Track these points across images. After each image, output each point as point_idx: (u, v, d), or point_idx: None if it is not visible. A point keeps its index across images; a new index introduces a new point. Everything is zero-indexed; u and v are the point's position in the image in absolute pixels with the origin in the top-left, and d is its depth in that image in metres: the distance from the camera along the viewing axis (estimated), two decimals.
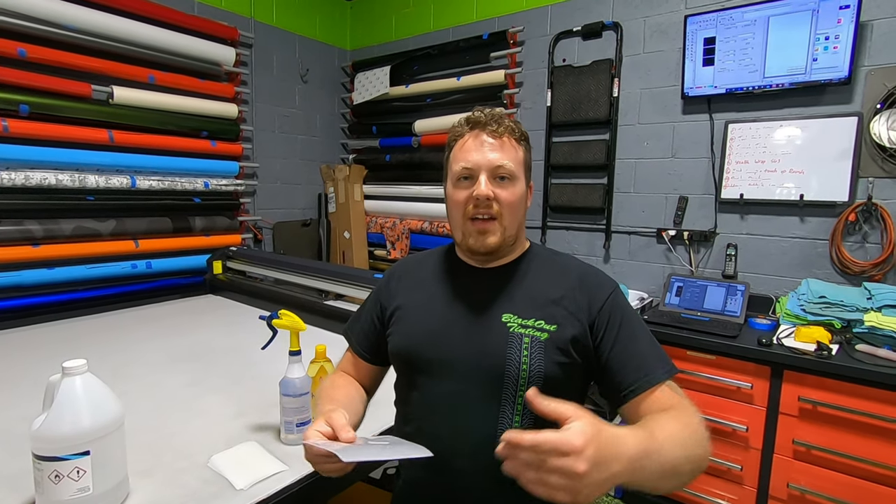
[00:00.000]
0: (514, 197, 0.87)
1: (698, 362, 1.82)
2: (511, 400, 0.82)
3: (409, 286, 0.99)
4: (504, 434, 0.56)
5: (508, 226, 0.88)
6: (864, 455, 1.52)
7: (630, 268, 2.48)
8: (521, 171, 0.89)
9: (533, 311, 0.85)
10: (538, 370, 0.81)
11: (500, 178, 0.87)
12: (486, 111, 0.91)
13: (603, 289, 0.87)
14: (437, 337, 0.89)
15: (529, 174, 0.94)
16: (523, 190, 0.90)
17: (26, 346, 1.68)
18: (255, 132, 2.98)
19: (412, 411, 0.92)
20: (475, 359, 0.85)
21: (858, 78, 1.89)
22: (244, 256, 2.61)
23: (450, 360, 0.87)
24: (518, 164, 0.89)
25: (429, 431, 0.87)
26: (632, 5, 2.38)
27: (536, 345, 0.82)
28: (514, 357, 0.82)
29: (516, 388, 0.82)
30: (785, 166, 2.04)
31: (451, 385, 0.86)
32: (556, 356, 0.82)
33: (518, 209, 0.89)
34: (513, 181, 0.88)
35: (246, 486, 0.89)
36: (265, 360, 1.11)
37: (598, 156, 2.49)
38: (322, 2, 3.36)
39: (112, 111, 2.28)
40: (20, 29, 2.00)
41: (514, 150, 0.89)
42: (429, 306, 0.94)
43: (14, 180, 2.00)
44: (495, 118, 0.90)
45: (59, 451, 0.75)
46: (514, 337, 0.83)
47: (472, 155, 0.87)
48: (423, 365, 0.89)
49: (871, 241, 1.91)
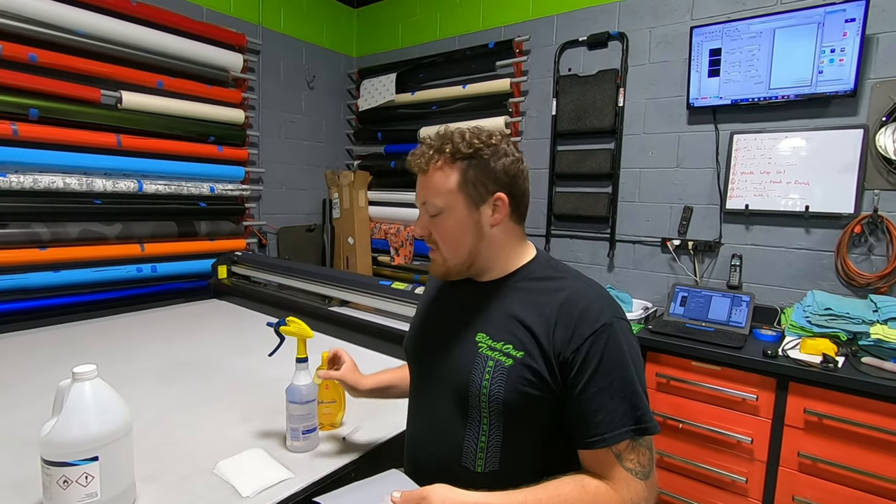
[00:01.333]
0: (443, 230, 0.86)
1: (703, 373, 1.81)
2: (477, 420, 0.83)
3: (427, 293, 1.05)
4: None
5: (449, 256, 0.87)
6: (869, 469, 1.51)
7: (634, 277, 2.47)
8: (453, 199, 0.84)
9: (504, 335, 0.82)
10: (497, 395, 0.79)
11: (431, 215, 0.87)
12: (428, 140, 0.88)
13: (586, 325, 0.77)
14: (425, 345, 0.95)
15: (483, 189, 0.84)
16: (460, 216, 0.84)
17: (31, 349, 1.68)
18: (261, 137, 3.00)
19: (408, 416, 0.99)
20: (447, 373, 0.87)
21: (864, 90, 1.90)
22: (249, 261, 2.62)
23: (430, 369, 0.92)
24: (446, 193, 0.83)
25: (411, 435, 0.96)
26: (637, 16, 2.39)
27: (499, 370, 0.80)
28: (477, 379, 0.81)
29: (479, 409, 0.82)
30: (790, 177, 2.05)
31: (431, 394, 0.91)
32: (518, 384, 0.78)
33: (455, 237, 0.85)
34: (441, 214, 0.85)
35: (252, 493, 0.89)
36: (270, 365, 1.11)
37: (603, 165, 2.49)
38: (329, 9, 3.39)
39: (120, 116, 2.30)
40: (32, 34, 2.03)
41: (442, 180, 0.84)
42: (428, 314, 0.99)
43: (22, 183, 2.01)
44: (430, 147, 0.86)
45: (68, 456, 0.76)
46: (480, 358, 0.82)
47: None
48: (415, 371, 0.97)
49: (876, 254, 1.91)
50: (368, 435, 1.11)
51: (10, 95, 1.99)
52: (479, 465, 0.82)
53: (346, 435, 1.11)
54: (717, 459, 1.80)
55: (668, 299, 2.20)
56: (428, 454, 0.89)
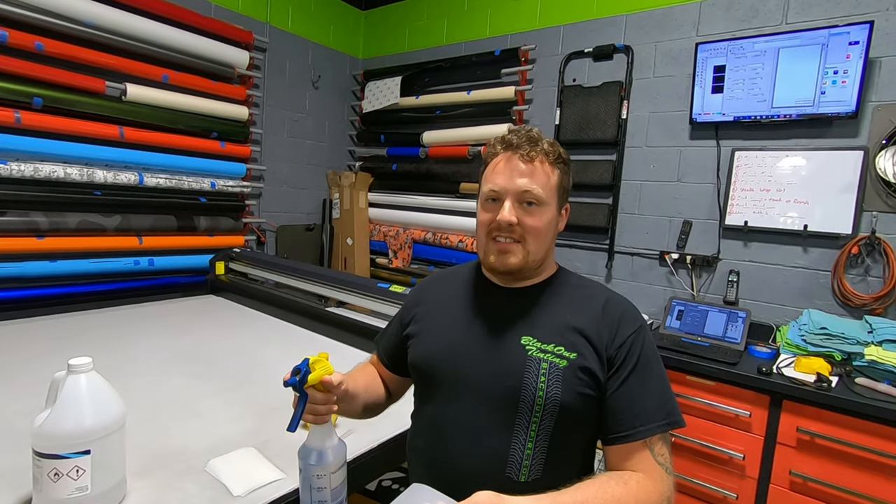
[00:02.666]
0: (539, 223, 0.85)
1: (697, 387, 1.82)
2: (524, 426, 0.80)
3: (435, 300, 0.99)
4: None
5: (533, 250, 0.86)
6: (861, 490, 1.52)
7: (632, 289, 2.48)
8: (551, 197, 0.87)
9: (554, 337, 0.83)
10: (554, 398, 0.79)
11: (527, 203, 0.85)
12: (523, 131, 0.88)
13: (627, 325, 0.83)
14: (455, 353, 0.88)
15: (565, 197, 0.91)
16: (552, 215, 0.88)
17: (25, 339, 1.67)
18: (264, 135, 3.00)
19: (423, 426, 0.92)
20: (491, 379, 0.83)
21: (865, 113, 1.91)
22: (247, 258, 2.61)
23: (465, 378, 0.86)
24: (548, 189, 0.86)
25: (437, 449, 0.87)
26: (643, 30, 2.41)
27: (555, 371, 0.80)
28: (531, 382, 0.80)
29: (531, 413, 0.80)
30: (790, 196, 2.06)
31: (464, 404, 0.85)
32: (574, 385, 0.79)
33: (544, 234, 0.87)
34: (540, 207, 0.85)
35: (243, 492, 0.89)
36: (265, 363, 1.10)
37: (605, 176, 2.50)
38: (337, 10, 3.40)
39: (124, 108, 2.30)
40: (39, 23, 2.02)
41: (546, 176, 0.86)
42: (450, 321, 0.93)
43: (23, 171, 2.00)
44: (530, 140, 0.87)
45: (60, 448, 0.75)
46: (532, 361, 0.81)
47: (501, 178, 0.86)
48: (439, 380, 0.89)
49: (873, 275, 1.92)
50: (363, 438, 1.11)
51: (15, 83, 1.98)
52: (523, 474, 0.80)
53: (340, 437, 1.10)
54: (708, 475, 1.80)
55: (664, 312, 2.21)
56: (464, 468, 0.83)
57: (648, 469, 0.76)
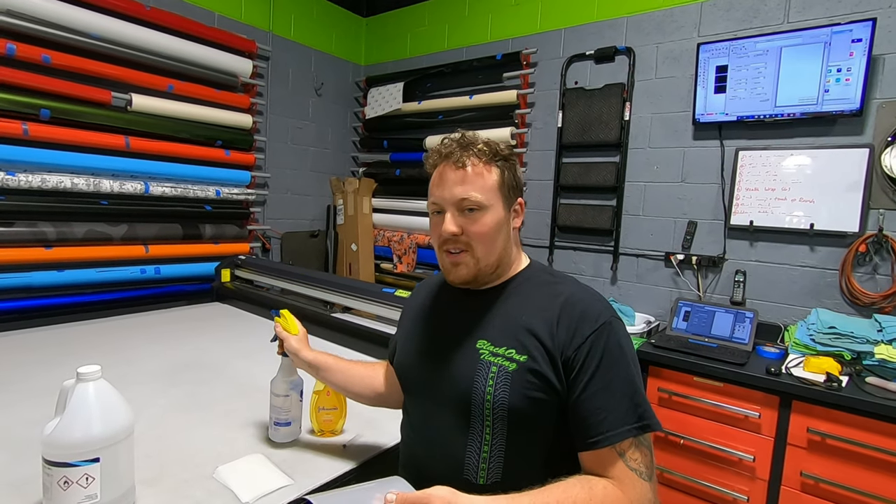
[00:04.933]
0: (484, 227, 0.84)
1: (705, 389, 1.80)
2: (479, 429, 0.81)
3: (416, 305, 1.03)
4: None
5: (482, 256, 0.85)
6: (872, 490, 1.50)
7: (637, 290, 2.47)
8: (493, 198, 0.84)
9: (506, 339, 0.82)
10: (502, 402, 0.78)
11: (468, 210, 0.84)
12: (454, 139, 0.87)
13: (587, 323, 0.79)
14: (420, 358, 0.92)
15: (514, 192, 0.88)
16: (499, 215, 0.85)
17: (33, 348, 1.68)
18: (268, 143, 3.02)
19: (404, 431, 0.98)
20: (447, 384, 0.86)
21: (870, 110, 1.90)
22: (252, 265, 2.62)
23: (427, 382, 0.90)
24: (488, 190, 0.84)
25: (408, 453, 0.94)
26: (644, 32, 2.41)
27: (503, 375, 0.79)
28: (480, 386, 0.80)
29: (482, 417, 0.80)
30: (795, 195, 2.05)
31: (428, 407, 0.90)
32: (523, 389, 0.78)
33: (491, 238, 0.85)
34: (482, 211, 0.83)
35: (251, 499, 0.89)
36: (272, 370, 1.11)
37: (608, 178, 2.50)
38: (339, 18, 3.43)
39: (130, 118, 2.32)
40: (46, 36, 2.05)
41: (483, 177, 0.84)
42: (420, 327, 0.97)
43: (31, 182, 2.03)
44: (461, 146, 0.85)
45: (70, 457, 0.75)
46: (482, 365, 0.81)
47: (438, 190, 0.86)
48: (409, 384, 0.95)
49: (881, 273, 1.90)
50: (369, 443, 1.11)
51: (23, 95, 2.01)
52: (481, 477, 0.81)
53: (347, 442, 1.11)
54: (718, 477, 1.78)
55: (670, 314, 2.20)
56: (426, 469, 0.87)
57: (619, 475, 0.73)
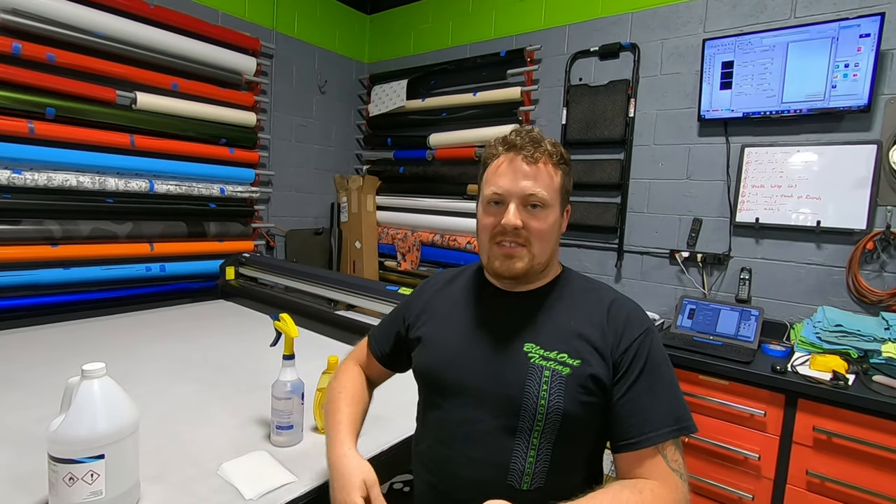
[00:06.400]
0: (545, 225, 0.83)
1: (711, 387, 1.79)
2: (527, 434, 0.79)
3: (437, 304, 0.98)
4: None
5: (538, 253, 0.84)
6: (879, 490, 1.49)
7: (642, 288, 2.46)
8: (555, 198, 0.85)
9: (557, 344, 0.82)
10: (556, 407, 0.77)
11: (531, 205, 0.83)
12: (524, 132, 0.86)
13: (633, 328, 0.81)
14: (458, 360, 0.87)
15: (567, 198, 0.89)
16: (556, 217, 0.86)
17: (40, 345, 1.70)
18: (272, 140, 3.02)
19: (427, 432, 0.91)
20: (493, 387, 0.82)
21: (878, 106, 1.88)
22: (256, 263, 2.63)
23: (467, 385, 0.85)
24: (552, 191, 0.84)
25: (439, 455, 0.86)
26: (649, 28, 2.39)
27: (557, 379, 0.78)
28: (533, 390, 0.78)
29: (533, 422, 0.78)
30: (801, 192, 2.03)
31: (466, 411, 0.84)
32: (577, 393, 0.78)
33: (549, 237, 0.85)
34: (545, 209, 0.83)
35: (255, 496, 0.89)
36: (276, 367, 1.11)
37: (613, 175, 2.49)
38: (343, 15, 3.43)
39: (135, 116, 2.33)
40: (51, 34, 2.06)
41: (550, 177, 0.84)
42: (453, 327, 0.92)
43: (37, 181, 2.04)
44: (532, 141, 0.85)
45: (75, 453, 0.76)
46: (534, 369, 0.80)
47: (504, 180, 0.84)
48: (442, 387, 0.88)
49: (888, 271, 1.89)
50: (374, 440, 1.11)
51: (28, 94, 2.02)
52: (525, 482, 0.79)
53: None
54: (723, 475, 1.78)
55: (675, 312, 2.18)
56: (465, 476, 0.82)
57: (662, 476, 0.73)
